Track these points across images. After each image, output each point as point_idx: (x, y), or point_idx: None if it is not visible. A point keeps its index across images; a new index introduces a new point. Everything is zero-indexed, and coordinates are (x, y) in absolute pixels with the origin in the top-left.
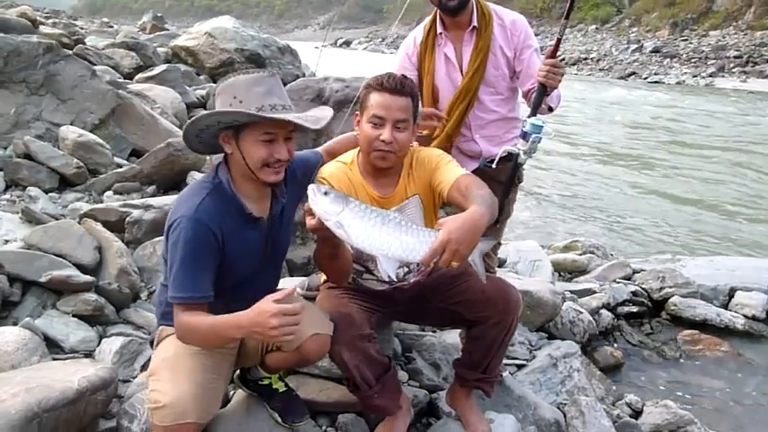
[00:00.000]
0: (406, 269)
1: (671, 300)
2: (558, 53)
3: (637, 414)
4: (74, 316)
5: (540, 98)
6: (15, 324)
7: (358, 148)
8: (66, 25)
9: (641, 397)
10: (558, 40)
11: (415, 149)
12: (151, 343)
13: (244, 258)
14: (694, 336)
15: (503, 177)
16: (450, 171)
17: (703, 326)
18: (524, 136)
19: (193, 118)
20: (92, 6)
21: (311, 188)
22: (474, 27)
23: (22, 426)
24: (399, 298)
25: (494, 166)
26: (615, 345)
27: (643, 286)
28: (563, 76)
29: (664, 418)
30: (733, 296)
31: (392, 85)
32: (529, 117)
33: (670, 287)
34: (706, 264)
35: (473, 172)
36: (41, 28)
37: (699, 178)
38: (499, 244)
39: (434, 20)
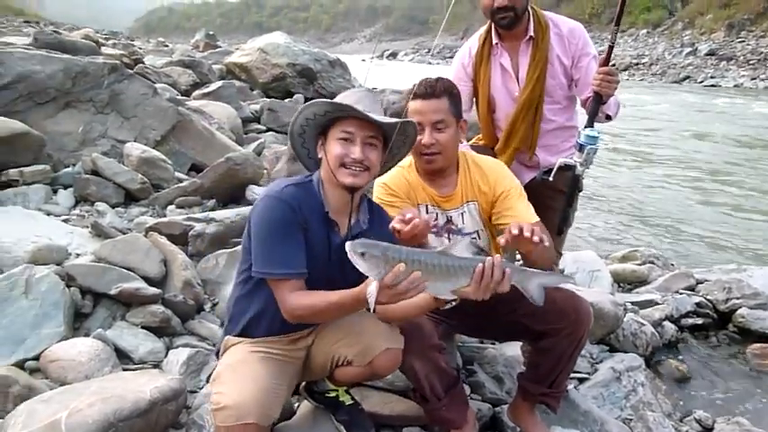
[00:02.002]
0: None
1: (738, 311)
2: (611, 60)
3: (707, 431)
4: (142, 327)
5: (597, 107)
6: (87, 335)
7: None
8: (125, 46)
9: (711, 413)
10: (611, 47)
11: (476, 157)
12: (217, 354)
13: (313, 256)
14: (764, 349)
15: (562, 186)
16: (523, 211)
17: None
18: (580, 148)
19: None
20: (147, 27)
21: (348, 246)
22: (531, 37)
23: None
24: (467, 309)
25: (551, 178)
26: (680, 358)
27: (708, 297)
28: (618, 84)
29: None
30: None
31: (423, 90)
32: (584, 128)
33: (737, 298)
34: None
35: (531, 182)
36: (103, 49)
37: (763, 186)
38: (559, 254)
39: (489, 30)
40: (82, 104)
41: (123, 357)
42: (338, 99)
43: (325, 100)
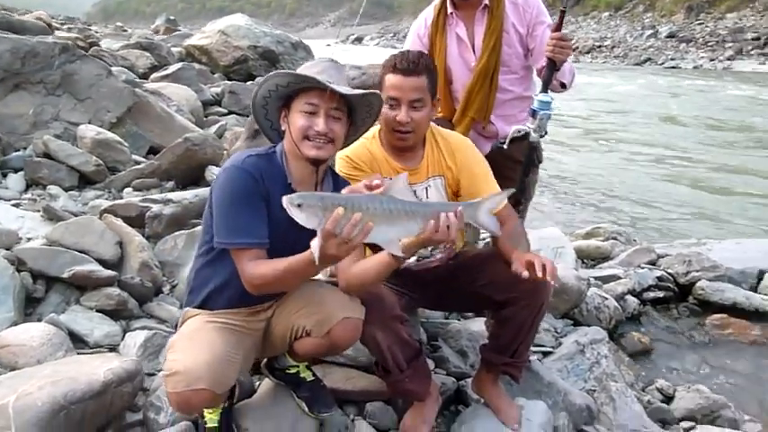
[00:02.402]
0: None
1: (698, 284)
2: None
3: (668, 399)
4: (97, 311)
5: (550, 74)
6: (40, 320)
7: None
8: (81, 30)
9: (672, 382)
10: (563, 12)
11: (443, 131)
12: (175, 329)
13: (276, 227)
14: (723, 320)
15: (520, 156)
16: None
17: (732, 310)
18: (533, 114)
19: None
20: (105, 12)
21: (284, 200)
22: (485, 6)
23: (48, 418)
24: (428, 278)
25: (505, 146)
26: (642, 331)
27: (669, 271)
28: (571, 50)
29: (696, 402)
30: (762, 279)
31: (405, 65)
32: (538, 94)
33: (697, 271)
34: (733, 247)
35: (489, 153)
36: (56, 32)
37: (721, 163)
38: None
39: (444, 0)
40: (32, 86)
41: (78, 342)
42: (301, 69)
43: (287, 71)
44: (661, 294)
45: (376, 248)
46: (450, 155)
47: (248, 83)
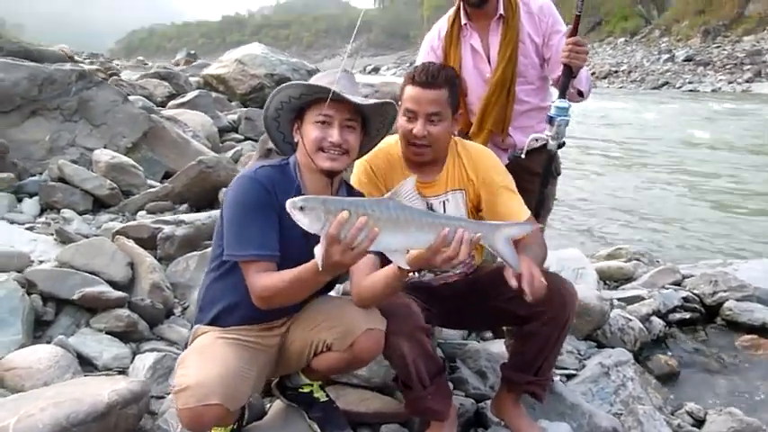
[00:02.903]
0: None
1: (725, 304)
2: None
3: (699, 423)
4: (107, 333)
5: (567, 80)
6: (49, 343)
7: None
8: (103, 63)
9: (702, 405)
10: (578, 17)
11: (467, 143)
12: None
13: (289, 240)
14: (754, 340)
15: (538, 168)
16: (514, 207)
17: (762, 330)
18: (550, 120)
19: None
20: (128, 48)
21: (288, 204)
22: (501, 16)
23: None
24: (446, 294)
25: (522, 155)
26: (669, 353)
27: (694, 291)
28: (587, 54)
29: (729, 426)
30: None
31: (423, 78)
32: (555, 101)
33: (724, 291)
34: (760, 266)
35: (507, 165)
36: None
37: (742, 184)
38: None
39: (458, 10)
40: (49, 112)
41: (87, 364)
42: (314, 80)
43: (300, 82)
44: (687, 316)
45: (387, 262)
46: (473, 168)
47: None
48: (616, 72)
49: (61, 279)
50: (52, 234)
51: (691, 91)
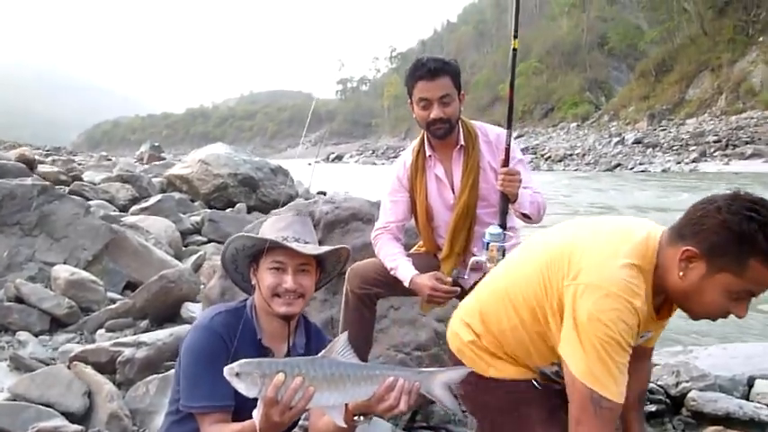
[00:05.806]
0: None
1: (689, 395)
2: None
3: None
4: None
5: (505, 206)
6: None
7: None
8: (65, 162)
9: None
10: (507, 149)
11: None
12: None
13: None
14: None
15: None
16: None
17: (727, 420)
18: (487, 246)
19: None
20: (91, 141)
21: (225, 371)
22: (461, 146)
23: None
24: None
25: (466, 277)
26: None
27: (659, 383)
28: (520, 183)
29: None
30: (753, 385)
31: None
32: (488, 228)
33: (686, 381)
34: (719, 352)
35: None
36: (40, 167)
37: None
38: None
39: (422, 142)
40: (8, 228)
41: None
42: (267, 225)
43: (249, 234)
44: (653, 408)
45: None
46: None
47: (228, 210)
48: (571, 155)
49: (15, 413)
50: (6, 360)
51: (642, 171)
